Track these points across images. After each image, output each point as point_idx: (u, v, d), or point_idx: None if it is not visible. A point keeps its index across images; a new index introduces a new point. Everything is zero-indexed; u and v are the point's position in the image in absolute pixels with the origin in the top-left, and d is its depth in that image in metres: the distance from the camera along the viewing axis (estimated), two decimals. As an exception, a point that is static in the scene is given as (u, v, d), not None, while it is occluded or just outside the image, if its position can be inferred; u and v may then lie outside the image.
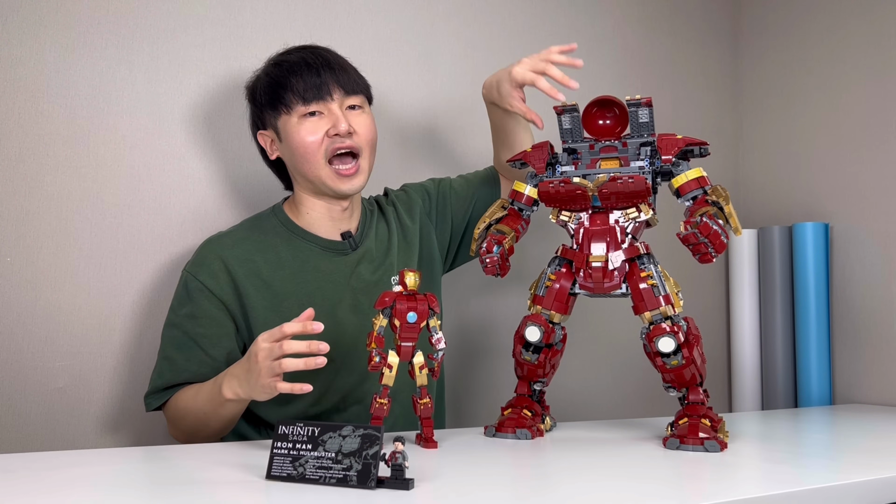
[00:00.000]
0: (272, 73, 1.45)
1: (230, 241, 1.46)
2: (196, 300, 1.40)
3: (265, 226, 1.50)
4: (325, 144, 1.42)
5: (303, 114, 1.42)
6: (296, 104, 1.42)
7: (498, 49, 2.02)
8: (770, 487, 1.01)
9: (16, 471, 1.04)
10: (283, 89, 1.42)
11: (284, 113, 1.43)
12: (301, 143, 1.42)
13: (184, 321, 1.40)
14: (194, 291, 1.41)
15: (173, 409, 1.40)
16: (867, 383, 2.01)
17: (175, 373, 1.39)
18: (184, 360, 1.39)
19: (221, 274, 1.41)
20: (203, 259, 1.43)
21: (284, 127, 1.44)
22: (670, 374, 1.28)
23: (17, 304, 1.50)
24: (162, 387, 1.40)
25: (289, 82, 1.42)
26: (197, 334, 1.39)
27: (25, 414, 1.50)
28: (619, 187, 1.28)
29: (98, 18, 1.58)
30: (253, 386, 1.23)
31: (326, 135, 1.42)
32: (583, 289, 1.33)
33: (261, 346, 1.20)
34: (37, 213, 1.52)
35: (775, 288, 2.11)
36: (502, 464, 1.16)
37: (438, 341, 1.22)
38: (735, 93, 2.39)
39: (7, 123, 1.50)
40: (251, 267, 1.43)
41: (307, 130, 1.42)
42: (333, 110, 1.42)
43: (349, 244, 1.51)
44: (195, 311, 1.40)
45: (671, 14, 2.29)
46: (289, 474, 0.98)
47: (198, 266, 1.42)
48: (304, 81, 1.41)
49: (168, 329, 1.42)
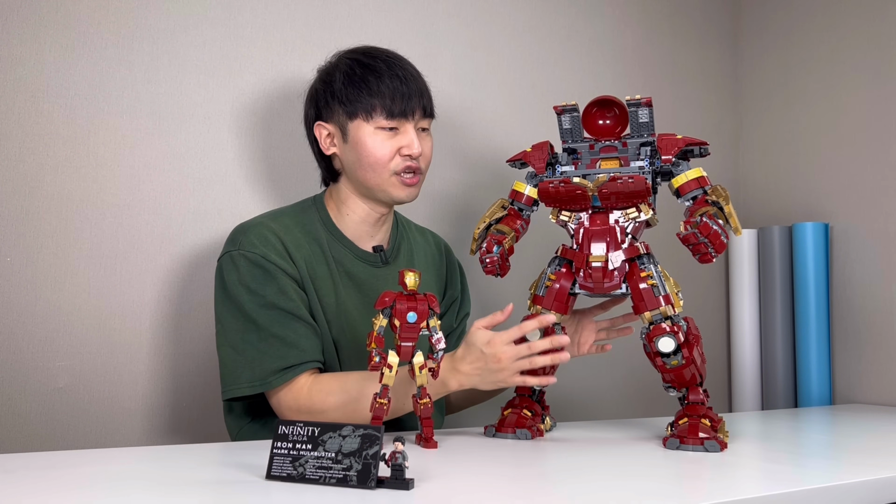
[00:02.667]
0: (359, 74, 1.43)
1: (280, 226, 1.44)
2: (277, 277, 1.38)
3: (309, 218, 1.50)
4: (395, 161, 1.43)
5: (381, 125, 1.42)
6: (378, 115, 1.41)
7: (498, 49, 2.02)
8: (770, 487, 1.01)
9: (16, 471, 1.03)
10: (369, 95, 1.41)
11: (362, 118, 1.42)
12: (372, 153, 1.42)
13: (276, 299, 1.37)
14: (273, 271, 1.38)
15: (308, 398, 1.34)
16: (867, 383, 2.01)
17: (299, 351, 1.35)
18: (295, 336, 1.36)
19: (286, 255, 1.41)
20: (265, 239, 1.40)
21: (356, 131, 1.43)
22: (670, 374, 1.28)
23: (17, 304, 1.50)
24: (284, 366, 1.34)
25: (378, 91, 1.41)
26: (293, 307, 1.37)
27: (25, 414, 1.50)
28: (619, 187, 1.28)
29: (98, 18, 1.58)
30: (492, 382, 1.29)
31: (399, 153, 1.43)
32: (583, 289, 1.33)
33: (503, 348, 1.26)
34: (37, 213, 1.52)
35: (775, 288, 2.11)
36: (502, 464, 1.16)
37: (438, 341, 1.22)
38: (735, 93, 2.39)
39: (7, 123, 1.50)
40: (303, 255, 1.43)
41: (381, 144, 1.42)
42: (409, 131, 1.43)
43: (380, 258, 1.52)
44: (282, 287, 1.38)
45: (671, 14, 2.29)
46: (289, 474, 0.98)
47: (263, 247, 1.39)
48: (394, 96, 1.41)
49: (262, 311, 1.36)
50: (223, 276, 1.40)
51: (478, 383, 1.30)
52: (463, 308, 1.69)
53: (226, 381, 1.38)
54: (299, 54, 1.76)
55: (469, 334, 1.30)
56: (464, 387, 1.30)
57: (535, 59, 2.07)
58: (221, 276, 1.41)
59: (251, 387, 1.35)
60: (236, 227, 1.45)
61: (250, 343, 1.36)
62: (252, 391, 1.35)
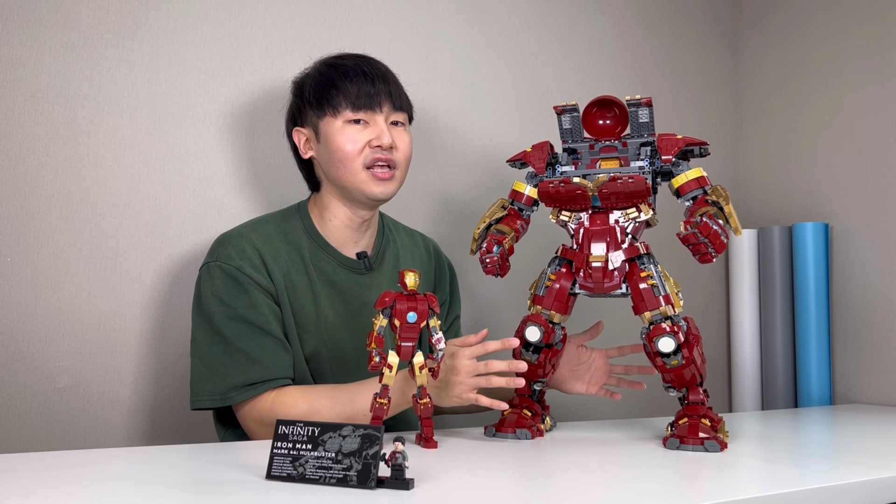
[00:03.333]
0: (325, 74, 1.45)
1: (260, 237, 1.43)
2: (250, 291, 1.38)
3: (291, 227, 1.49)
4: (364, 153, 1.43)
5: (348, 119, 1.43)
6: (344, 108, 1.42)
7: (498, 49, 2.02)
8: (770, 487, 1.01)
9: (16, 471, 1.03)
10: (334, 91, 1.43)
11: (330, 115, 1.43)
12: (341, 148, 1.42)
13: (246, 312, 1.37)
14: (246, 284, 1.38)
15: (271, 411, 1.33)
16: (867, 383, 2.01)
17: (263, 368, 1.35)
18: (261, 352, 1.36)
19: (262, 268, 1.40)
20: (242, 252, 1.40)
21: (326, 129, 1.44)
22: (670, 374, 1.28)
23: (17, 304, 1.50)
24: (245, 383, 1.34)
25: (342, 86, 1.42)
26: (262, 322, 1.37)
27: (25, 414, 1.50)
28: (619, 187, 1.28)
29: (98, 18, 1.58)
30: (447, 396, 1.30)
31: (368, 145, 1.43)
32: (583, 289, 1.33)
33: (463, 362, 1.28)
34: (37, 213, 1.52)
35: (775, 288, 2.11)
36: (502, 464, 1.16)
37: (438, 341, 1.22)
38: (735, 93, 2.39)
39: (7, 123, 1.50)
40: (282, 266, 1.43)
41: (349, 137, 1.42)
42: (378, 122, 1.43)
43: (364, 265, 1.51)
44: (254, 301, 1.37)
45: (671, 14, 2.29)
46: (289, 474, 0.98)
47: (240, 259, 1.39)
48: (358, 88, 1.42)
49: (229, 323, 1.36)
50: (200, 286, 1.41)
51: (437, 396, 1.30)
52: (453, 310, 1.69)
53: (192, 390, 1.39)
54: (299, 54, 1.76)
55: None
56: None
57: (535, 59, 2.07)
58: (198, 287, 1.42)
59: (212, 400, 1.36)
60: (218, 238, 1.45)
61: (216, 355, 1.37)
62: (213, 405, 1.37)
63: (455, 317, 1.69)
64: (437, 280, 1.66)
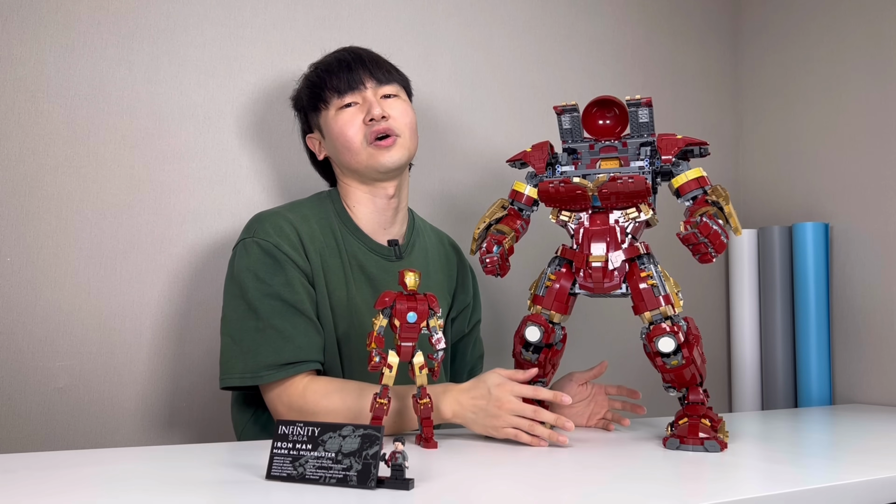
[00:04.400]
0: (310, 77, 1.52)
1: (297, 216, 1.45)
2: (287, 269, 1.38)
3: (325, 210, 1.50)
4: (363, 131, 1.46)
5: (339, 106, 1.47)
6: (332, 98, 1.47)
7: (498, 49, 2.02)
8: (770, 487, 1.01)
9: (16, 471, 1.03)
10: (319, 88, 1.48)
11: (323, 109, 1.49)
12: (340, 132, 1.46)
13: (281, 290, 1.37)
14: (283, 261, 1.38)
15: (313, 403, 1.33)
16: (867, 383, 2.01)
17: (295, 348, 1.34)
18: (294, 331, 1.35)
19: (299, 247, 1.41)
20: (280, 230, 1.41)
21: (325, 122, 1.49)
22: (670, 374, 1.28)
23: (17, 304, 1.50)
24: (279, 363, 1.33)
25: (325, 80, 1.48)
26: (297, 301, 1.37)
27: (25, 414, 1.50)
28: (619, 187, 1.28)
29: (98, 18, 1.58)
30: (484, 425, 1.28)
31: (364, 122, 1.45)
32: (583, 289, 1.33)
33: (509, 398, 1.26)
34: (37, 213, 1.52)
35: (775, 288, 2.11)
36: (502, 464, 1.16)
37: (438, 341, 1.22)
38: (735, 93, 2.39)
39: (7, 123, 1.50)
40: (318, 247, 1.44)
41: (344, 121, 1.46)
42: (368, 98, 1.47)
43: (394, 252, 1.52)
44: (290, 279, 1.38)
45: (671, 14, 2.29)
46: (289, 474, 0.98)
47: (277, 237, 1.40)
48: (338, 76, 1.47)
49: (264, 300, 1.36)
50: (234, 262, 1.41)
51: (471, 421, 1.29)
52: (475, 314, 1.70)
53: (222, 368, 1.38)
54: (299, 54, 1.76)
55: (485, 373, 1.31)
56: (457, 418, 1.30)
57: (535, 59, 2.07)
58: (232, 263, 1.42)
59: (242, 378, 1.35)
60: (254, 216, 1.46)
61: (247, 331, 1.36)
62: (243, 383, 1.35)
63: (476, 321, 1.70)
64: (459, 281, 1.66)
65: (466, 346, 1.68)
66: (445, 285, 1.62)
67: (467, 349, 1.69)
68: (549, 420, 1.26)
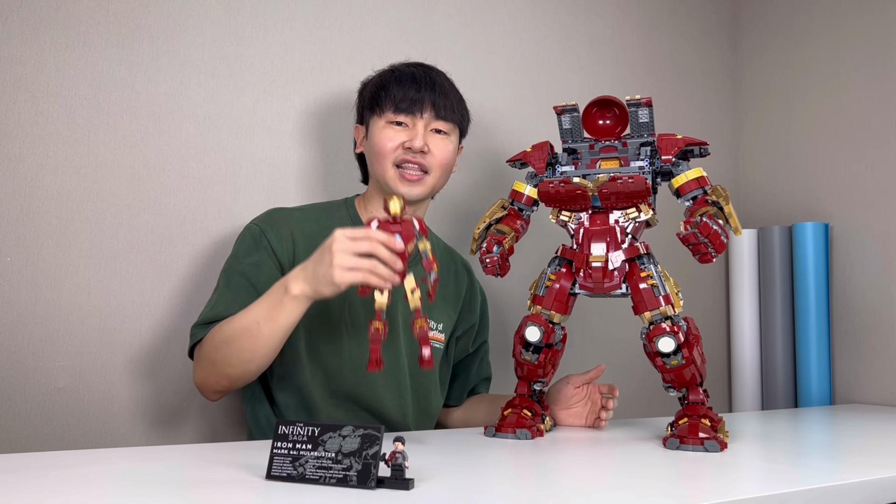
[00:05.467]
0: (383, 76, 1.53)
1: (302, 216, 1.51)
2: (261, 252, 1.44)
3: (335, 214, 1.55)
4: (397, 153, 1.48)
5: (390, 120, 1.49)
6: (387, 109, 1.49)
7: (498, 49, 2.02)
8: (770, 487, 1.01)
9: (16, 471, 1.03)
10: (383, 92, 1.50)
11: (377, 114, 1.51)
12: (378, 144, 1.49)
13: (248, 268, 1.42)
14: (262, 247, 1.44)
15: (211, 342, 1.35)
16: (867, 383, 2.01)
17: (229, 307, 1.38)
18: (234, 303, 1.38)
19: (287, 242, 1.46)
20: (275, 222, 1.48)
21: (372, 126, 1.52)
22: (670, 374, 1.28)
23: (17, 304, 1.50)
24: (212, 318, 1.38)
25: (391, 88, 1.49)
26: (258, 281, 1.40)
27: (25, 414, 1.50)
28: (619, 187, 1.28)
29: (98, 18, 1.58)
30: (324, 279, 1.21)
31: (402, 146, 1.47)
32: (583, 289, 1.33)
33: (338, 236, 1.20)
34: (37, 213, 1.52)
35: (775, 288, 2.11)
36: (502, 464, 1.16)
37: (429, 263, 1.19)
38: (735, 93, 2.39)
39: (7, 123, 1.50)
40: (312, 245, 1.44)
41: (387, 136, 1.48)
42: (417, 127, 1.48)
43: None
44: (260, 262, 1.43)
45: (671, 14, 2.29)
46: (289, 474, 0.98)
47: (269, 226, 1.47)
48: (403, 92, 1.48)
49: (230, 273, 1.43)
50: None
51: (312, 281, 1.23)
52: (481, 335, 1.71)
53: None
54: (299, 55, 1.76)
55: None
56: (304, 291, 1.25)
57: (535, 59, 2.07)
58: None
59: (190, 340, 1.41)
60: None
61: (210, 301, 1.43)
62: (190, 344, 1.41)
63: (483, 342, 1.71)
64: (467, 300, 1.67)
65: (470, 365, 1.70)
66: (451, 302, 1.63)
67: (471, 368, 1.70)
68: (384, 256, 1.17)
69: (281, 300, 1.27)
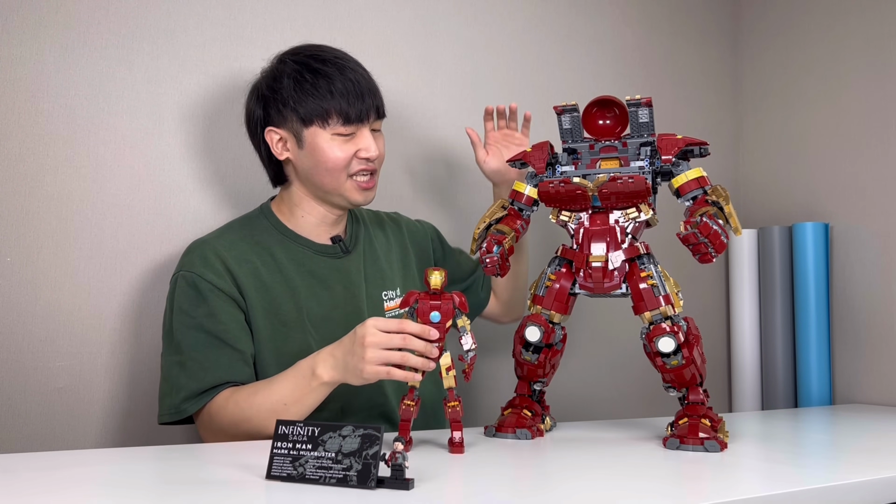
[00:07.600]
0: (310, 80, 1.41)
1: (225, 242, 1.44)
2: (210, 300, 1.37)
3: (256, 227, 1.49)
4: (352, 164, 1.44)
5: (339, 132, 1.42)
6: (335, 122, 1.41)
7: (498, 49, 2.02)
8: (770, 487, 1.01)
9: (16, 471, 1.04)
10: (323, 101, 1.40)
11: (318, 125, 1.41)
12: (331, 159, 1.42)
13: (204, 321, 1.36)
14: (206, 291, 1.37)
15: (220, 415, 1.32)
16: (867, 383, 2.01)
17: (213, 374, 1.33)
18: (216, 360, 1.34)
19: (226, 274, 1.39)
20: (205, 259, 1.40)
21: (313, 138, 1.42)
22: (670, 374, 1.28)
23: (17, 304, 1.50)
24: (199, 391, 1.33)
25: (332, 97, 1.40)
26: (220, 331, 1.35)
27: (25, 414, 1.50)
28: (619, 187, 1.28)
29: (98, 18, 1.58)
30: (355, 370, 1.21)
31: (356, 156, 1.44)
32: (583, 289, 1.33)
33: (371, 329, 1.19)
34: (37, 213, 1.52)
35: (775, 288, 2.11)
36: (502, 464, 1.16)
37: (466, 342, 1.19)
38: (735, 93, 2.39)
39: (7, 123, 1.50)
40: (250, 268, 1.42)
41: (339, 149, 1.42)
42: (365, 134, 1.44)
43: (340, 248, 1.52)
44: (213, 310, 1.36)
45: (671, 14, 2.29)
46: (289, 474, 0.98)
47: (202, 267, 1.39)
48: (350, 105, 1.41)
49: (187, 332, 1.36)
50: (167, 298, 1.42)
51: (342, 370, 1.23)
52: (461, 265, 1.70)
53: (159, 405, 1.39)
54: (299, 54, 1.76)
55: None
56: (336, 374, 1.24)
57: (535, 59, 2.07)
58: (166, 300, 1.43)
59: (170, 415, 1.35)
60: (187, 247, 1.45)
61: (173, 367, 1.36)
62: (171, 419, 1.35)
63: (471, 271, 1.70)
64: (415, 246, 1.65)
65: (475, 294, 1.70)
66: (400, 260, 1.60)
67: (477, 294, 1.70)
68: (418, 348, 1.18)
69: (309, 384, 1.26)
